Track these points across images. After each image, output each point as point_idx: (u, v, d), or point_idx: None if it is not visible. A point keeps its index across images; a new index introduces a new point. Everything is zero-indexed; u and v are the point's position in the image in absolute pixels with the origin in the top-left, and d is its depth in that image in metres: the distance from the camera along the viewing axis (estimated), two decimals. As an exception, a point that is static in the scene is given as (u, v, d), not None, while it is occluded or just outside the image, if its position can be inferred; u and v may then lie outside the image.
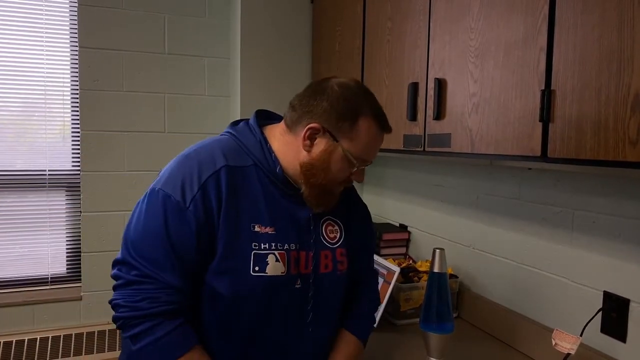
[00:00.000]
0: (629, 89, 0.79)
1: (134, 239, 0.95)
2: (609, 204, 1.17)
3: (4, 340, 2.08)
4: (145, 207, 0.96)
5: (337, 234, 1.09)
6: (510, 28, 1.05)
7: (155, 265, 0.92)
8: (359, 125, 0.98)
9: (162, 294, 0.91)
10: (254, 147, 1.02)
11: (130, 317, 0.91)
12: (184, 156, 1.01)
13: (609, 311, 1.16)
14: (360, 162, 1.00)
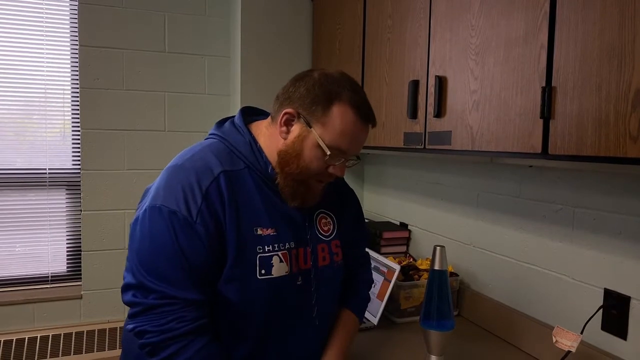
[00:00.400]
0: (630, 85, 0.79)
1: (144, 260, 0.91)
2: (610, 201, 1.17)
3: (5, 338, 2.08)
4: (149, 226, 0.92)
5: (331, 226, 1.11)
6: (511, 25, 1.05)
7: (174, 284, 0.90)
8: (333, 110, 0.95)
9: (188, 313, 0.90)
10: (244, 148, 1.01)
11: (162, 341, 0.89)
12: (177, 167, 0.97)
13: (610, 309, 1.16)
14: (335, 151, 0.97)
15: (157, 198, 0.94)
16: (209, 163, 0.97)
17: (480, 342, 1.45)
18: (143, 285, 0.90)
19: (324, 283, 1.06)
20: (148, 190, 1.01)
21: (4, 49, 2.09)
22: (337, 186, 1.18)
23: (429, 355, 1.20)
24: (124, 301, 0.94)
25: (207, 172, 0.95)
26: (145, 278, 0.90)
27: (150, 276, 0.90)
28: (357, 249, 1.22)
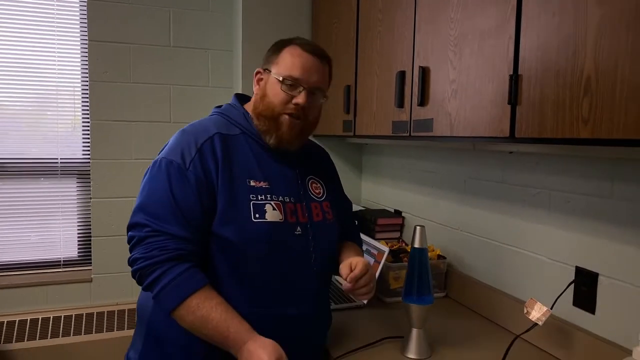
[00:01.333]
0: (582, 72, 0.86)
1: (142, 203, 1.08)
2: (582, 183, 1.24)
3: (20, 318, 2.21)
4: (149, 176, 1.11)
5: (321, 190, 1.27)
6: (485, 18, 1.12)
7: (163, 220, 1.04)
8: (284, 52, 1.17)
9: (171, 243, 1.03)
10: (240, 119, 1.20)
11: (145, 267, 1.02)
12: (180, 132, 1.17)
13: (580, 285, 1.23)
14: (290, 80, 1.14)
15: (161, 154, 1.13)
16: (207, 128, 1.16)
17: (463, 320, 1.53)
18: (139, 222, 1.06)
19: (320, 235, 1.19)
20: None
21: (18, 46, 2.20)
22: (323, 161, 1.39)
23: (411, 327, 1.28)
24: (127, 239, 1.08)
25: (203, 133, 1.14)
26: (140, 217, 1.06)
27: (144, 214, 1.06)
28: (345, 211, 1.42)
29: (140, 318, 1.21)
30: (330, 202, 1.28)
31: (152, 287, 1.03)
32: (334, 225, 1.26)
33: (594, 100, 0.84)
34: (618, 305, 1.14)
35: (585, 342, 1.20)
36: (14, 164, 2.25)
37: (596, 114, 0.84)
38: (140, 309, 1.21)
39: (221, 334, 1.01)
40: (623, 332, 1.12)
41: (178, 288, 1.01)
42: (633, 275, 1.11)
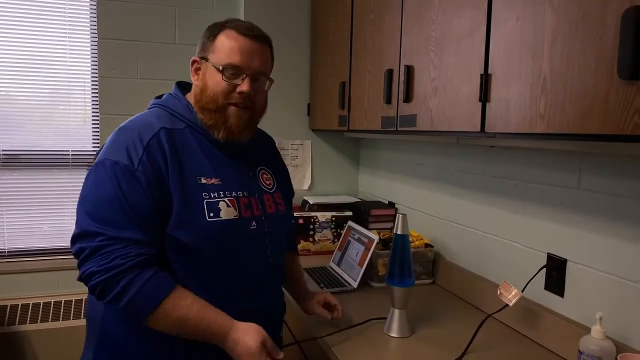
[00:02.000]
0: (540, 72, 0.95)
1: (89, 209, 0.98)
2: (553, 175, 1.33)
3: (33, 301, 2.34)
4: (94, 178, 1.01)
5: (271, 181, 1.26)
6: (461, 21, 1.21)
7: (117, 226, 0.96)
8: (218, 37, 1.10)
9: (131, 250, 0.95)
10: (184, 111, 1.12)
11: (108, 279, 0.93)
12: (120, 129, 1.08)
13: (551, 270, 1.32)
14: (229, 67, 1.07)
15: (101, 155, 1.03)
16: (151, 122, 1.07)
17: (447, 304, 1.62)
18: (88, 231, 0.96)
19: (274, 228, 1.20)
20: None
21: (32, 44, 2.32)
22: (273, 154, 1.39)
23: (393, 308, 1.38)
24: (73, 253, 0.98)
25: (148, 128, 1.05)
26: (90, 225, 0.96)
27: (94, 222, 0.96)
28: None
29: (90, 329, 1.13)
30: (281, 193, 1.27)
31: (119, 299, 0.94)
32: (286, 216, 1.27)
33: (548, 98, 0.93)
34: (584, 289, 1.23)
35: (552, 322, 1.29)
36: (28, 155, 2.37)
37: (550, 111, 0.93)
38: (89, 319, 1.14)
39: (203, 329, 0.99)
40: (588, 313, 1.21)
41: (150, 294, 0.95)
42: (598, 261, 1.19)
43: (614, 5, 0.79)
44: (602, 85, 0.81)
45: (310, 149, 2.54)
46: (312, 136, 2.54)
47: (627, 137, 0.78)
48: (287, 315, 1.72)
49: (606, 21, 0.81)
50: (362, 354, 1.25)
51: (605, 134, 0.81)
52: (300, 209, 2.39)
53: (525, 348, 1.31)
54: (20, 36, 2.30)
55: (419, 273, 1.82)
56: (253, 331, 1.01)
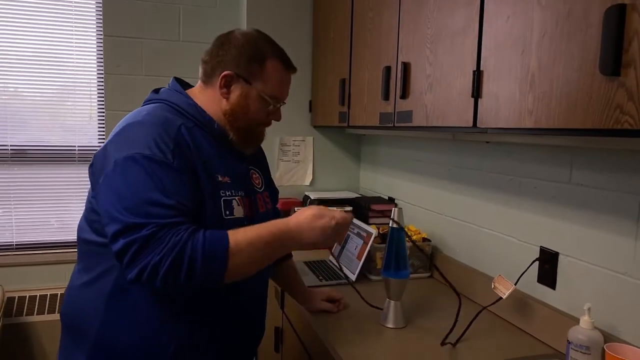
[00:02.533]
0: (529, 69, 0.98)
1: (128, 204, 0.93)
2: (546, 170, 1.35)
3: (40, 293, 2.39)
4: (126, 174, 0.96)
5: (260, 180, 1.27)
6: (455, 18, 1.23)
7: (161, 216, 0.93)
8: (267, 66, 1.12)
9: (180, 228, 0.93)
10: (189, 108, 1.10)
11: (173, 260, 0.90)
12: (136, 123, 1.02)
13: (543, 263, 1.35)
14: (275, 100, 1.15)
15: (124, 150, 0.97)
16: (167, 117, 1.04)
17: (443, 297, 1.65)
18: (134, 224, 0.91)
19: None
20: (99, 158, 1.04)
21: (39, 41, 2.37)
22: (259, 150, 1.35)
23: (388, 299, 1.41)
24: (117, 250, 0.93)
25: (169, 123, 1.03)
26: (132, 218, 0.92)
27: (137, 216, 0.92)
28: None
29: (77, 334, 1.08)
30: (269, 192, 1.30)
31: (192, 271, 0.91)
32: (275, 215, 1.29)
33: (536, 94, 0.96)
34: (574, 281, 1.26)
35: (544, 313, 1.32)
36: (36, 151, 2.42)
37: (538, 106, 0.95)
38: (79, 315, 1.08)
39: (271, 244, 1.00)
40: (578, 304, 1.24)
41: (215, 247, 0.94)
42: (588, 254, 1.22)
43: (597, 3, 0.82)
44: (586, 81, 0.84)
45: (312, 145, 2.58)
46: (313, 132, 2.58)
47: (608, 131, 0.80)
48: (286, 308, 1.76)
49: (590, 19, 0.83)
50: (357, 342, 1.28)
51: (588, 129, 0.84)
52: (301, 204, 2.42)
53: (517, 338, 1.34)
54: (28, 35, 2.35)
55: (416, 267, 1.85)
56: (301, 211, 1.08)
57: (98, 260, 1.06)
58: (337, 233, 1.10)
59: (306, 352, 1.52)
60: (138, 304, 1.04)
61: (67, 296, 1.14)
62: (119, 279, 1.03)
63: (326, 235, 1.08)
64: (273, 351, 1.91)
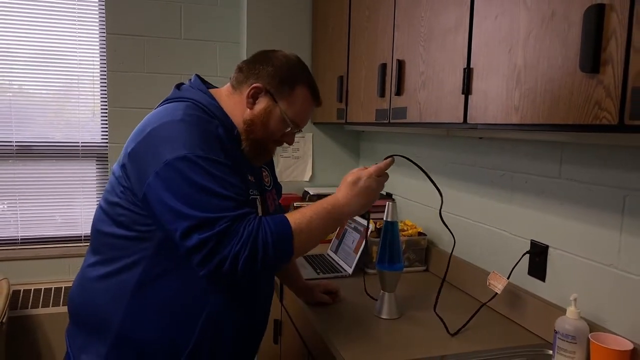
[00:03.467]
0: (515, 66, 1.01)
1: (193, 202, 0.97)
2: (537, 165, 1.38)
3: (45, 286, 2.44)
4: (181, 174, 0.98)
5: (269, 179, 1.32)
6: (446, 17, 1.26)
7: (230, 208, 0.98)
8: (297, 91, 1.17)
9: (248, 218, 1.00)
10: (216, 110, 1.14)
11: (251, 249, 0.97)
12: (175, 122, 1.04)
13: (534, 256, 1.38)
14: (294, 125, 1.19)
15: (173, 150, 1.00)
16: (204, 117, 1.09)
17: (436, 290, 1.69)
18: (206, 220, 0.96)
19: None
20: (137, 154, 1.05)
21: (43, 39, 2.41)
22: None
23: (383, 291, 1.45)
24: (191, 246, 0.96)
25: (208, 122, 1.08)
26: (205, 215, 0.96)
27: (206, 212, 0.96)
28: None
29: (96, 319, 1.10)
30: (275, 190, 1.35)
31: (266, 255, 0.98)
32: (278, 212, 1.30)
33: (522, 90, 0.99)
34: (563, 273, 1.29)
35: (534, 305, 1.35)
36: (40, 147, 2.47)
37: (523, 103, 0.99)
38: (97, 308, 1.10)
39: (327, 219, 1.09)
40: (566, 296, 1.27)
41: (280, 231, 1.01)
42: (576, 247, 1.25)
43: (578, 3, 0.85)
44: (568, 78, 0.87)
45: (312, 141, 2.61)
46: (313, 129, 2.61)
47: (588, 126, 0.84)
48: (285, 301, 1.80)
49: (571, 18, 0.87)
50: (352, 333, 1.32)
51: (570, 124, 0.87)
52: (301, 199, 2.46)
53: (508, 329, 1.37)
54: (33, 33, 2.39)
55: (412, 260, 1.88)
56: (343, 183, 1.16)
57: (121, 253, 1.08)
58: (380, 184, 1.20)
59: (304, 344, 1.57)
60: (161, 298, 1.07)
61: (81, 288, 1.16)
62: (145, 273, 1.07)
63: (370, 193, 1.18)
64: (272, 343, 1.95)
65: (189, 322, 1.09)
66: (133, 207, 1.06)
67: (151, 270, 1.07)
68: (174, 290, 1.08)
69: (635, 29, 0.74)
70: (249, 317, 1.21)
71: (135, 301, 1.07)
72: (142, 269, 1.07)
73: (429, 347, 1.25)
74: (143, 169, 1.03)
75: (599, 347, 1.06)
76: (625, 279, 1.12)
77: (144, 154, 1.04)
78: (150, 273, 1.07)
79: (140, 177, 1.03)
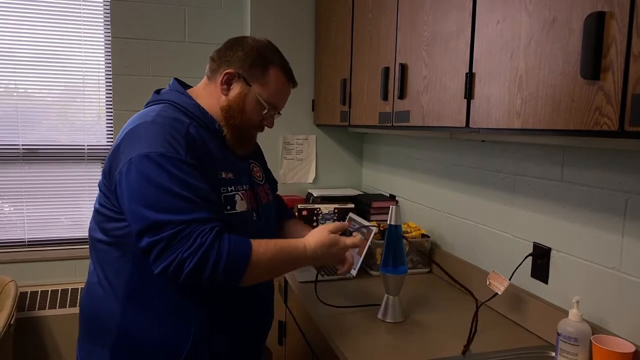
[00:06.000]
0: (517, 72, 1.02)
1: (148, 203, 0.98)
2: (539, 168, 1.39)
3: (52, 288, 2.47)
4: (141, 173, 0.99)
5: (260, 174, 1.34)
6: (449, 22, 1.27)
7: (184, 211, 0.98)
8: (269, 73, 1.19)
9: (205, 227, 0.99)
10: (193, 108, 1.15)
11: (200, 258, 0.96)
12: (147, 123, 1.06)
13: (536, 258, 1.39)
14: (271, 107, 1.20)
15: (138, 149, 1.01)
16: (175, 117, 1.10)
17: (441, 292, 1.70)
18: (156, 222, 0.96)
19: (267, 217, 1.29)
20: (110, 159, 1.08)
21: (49, 43, 2.43)
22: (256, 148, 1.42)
23: (387, 295, 1.46)
24: (143, 246, 0.98)
25: (178, 122, 1.08)
26: (156, 217, 0.97)
27: (160, 213, 0.97)
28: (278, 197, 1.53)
29: (98, 326, 1.13)
30: (269, 185, 1.37)
31: (215, 270, 0.98)
32: (274, 205, 1.38)
33: (524, 96, 1.00)
34: (566, 275, 1.30)
35: (537, 307, 1.36)
36: (46, 150, 2.50)
37: (525, 108, 1.00)
38: (97, 315, 1.13)
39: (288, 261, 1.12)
40: (569, 298, 1.28)
41: (239, 252, 1.01)
42: (578, 249, 1.26)
43: (579, 10, 0.86)
44: (569, 84, 0.88)
45: (315, 144, 2.63)
46: (316, 131, 2.62)
47: (589, 132, 0.85)
48: (290, 303, 1.81)
49: (572, 25, 0.87)
50: (356, 336, 1.33)
51: (571, 130, 0.88)
52: (304, 201, 2.48)
53: (511, 331, 1.38)
54: (39, 37, 2.42)
55: (416, 262, 1.89)
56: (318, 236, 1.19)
57: (108, 259, 1.12)
58: (343, 255, 1.28)
59: (308, 345, 1.58)
60: (154, 302, 1.09)
61: (86, 291, 1.19)
62: (130, 282, 1.09)
63: (335, 259, 1.26)
64: (277, 344, 1.97)
65: (184, 322, 1.10)
66: (114, 214, 1.08)
67: (140, 273, 1.08)
68: (164, 291, 1.09)
69: (635, 37, 0.75)
70: (247, 311, 1.22)
71: (127, 307, 1.09)
72: (126, 280, 1.09)
73: (434, 350, 1.26)
74: (114, 168, 1.06)
75: (601, 350, 1.07)
76: (628, 281, 1.12)
77: (113, 157, 1.08)
78: (136, 282, 1.09)
79: (112, 177, 1.06)
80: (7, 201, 2.48)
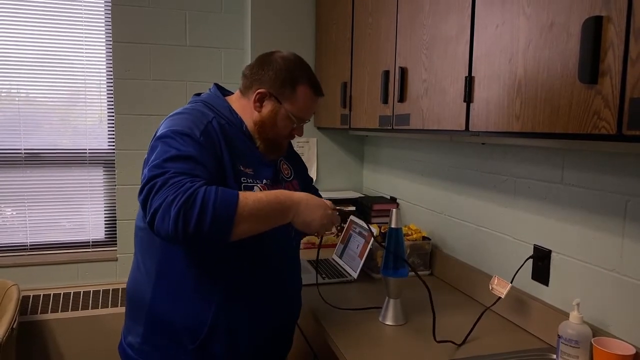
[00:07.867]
0: (516, 75, 1.03)
1: (155, 164, 1.05)
2: (539, 171, 1.40)
3: (54, 292, 2.47)
4: (160, 146, 1.09)
5: (289, 171, 1.41)
6: (448, 26, 1.28)
7: (185, 169, 1.05)
8: (298, 91, 1.27)
9: (199, 179, 1.04)
10: (224, 109, 1.26)
11: (186, 199, 0.97)
12: (175, 115, 1.20)
13: (537, 261, 1.39)
14: (299, 120, 1.29)
15: (161, 131, 1.14)
16: (203, 112, 1.21)
17: (443, 295, 1.70)
18: (153, 175, 1.03)
19: None
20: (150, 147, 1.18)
21: (50, 47, 2.44)
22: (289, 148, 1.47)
23: (388, 298, 1.47)
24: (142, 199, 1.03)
25: (202, 116, 1.19)
26: (159, 168, 1.04)
27: (158, 168, 1.04)
28: (310, 188, 1.54)
29: (135, 304, 1.25)
30: (298, 181, 1.42)
31: (203, 215, 0.98)
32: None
33: (523, 99, 1.01)
34: (566, 277, 1.30)
35: (538, 309, 1.36)
36: (48, 154, 2.50)
37: (524, 111, 1.00)
38: (135, 294, 1.26)
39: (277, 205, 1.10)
40: (569, 300, 1.28)
41: (226, 199, 1.01)
42: (578, 252, 1.27)
43: (577, 14, 0.86)
44: (567, 88, 0.89)
45: (316, 146, 2.63)
46: (317, 134, 2.63)
47: (587, 135, 0.85)
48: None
49: (570, 29, 0.88)
50: (357, 338, 1.34)
51: (569, 133, 0.89)
52: (306, 204, 2.48)
53: (512, 333, 1.39)
54: (40, 41, 2.43)
55: (417, 265, 1.90)
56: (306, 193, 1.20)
57: (144, 245, 1.24)
58: (330, 222, 1.23)
59: (309, 347, 1.58)
60: (179, 279, 1.19)
61: (130, 275, 1.31)
62: (159, 263, 1.20)
63: (319, 219, 1.19)
64: (278, 347, 1.97)
65: (205, 302, 1.18)
66: None
67: (167, 255, 1.19)
68: (187, 268, 1.18)
69: (632, 41, 0.76)
70: (267, 298, 1.26)
71: (156, 288, 1.20)
72: (158, 260, 1.20)
73: (435, 353, 1.26)
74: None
75: (601, 352, 1.07)
76: (628, 283, 1.13)
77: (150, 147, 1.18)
78: (167, 257, 1.19)
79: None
80: (10, 205, 2.49)
